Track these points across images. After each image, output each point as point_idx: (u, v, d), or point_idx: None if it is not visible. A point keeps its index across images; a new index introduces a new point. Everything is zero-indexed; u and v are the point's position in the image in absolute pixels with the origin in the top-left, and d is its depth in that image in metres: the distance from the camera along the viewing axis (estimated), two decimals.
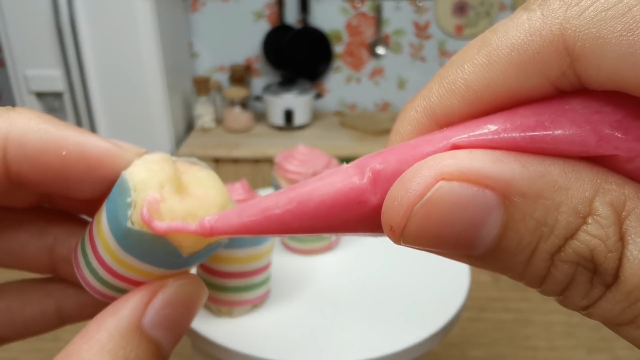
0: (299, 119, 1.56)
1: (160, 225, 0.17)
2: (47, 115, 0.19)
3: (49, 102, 1.45)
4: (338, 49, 1.70)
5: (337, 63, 1.72)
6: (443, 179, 0.12)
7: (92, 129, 1.44)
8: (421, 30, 1.66)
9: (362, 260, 0.61)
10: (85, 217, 0.24)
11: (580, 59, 0.11)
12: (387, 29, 1.66)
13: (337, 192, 0.15)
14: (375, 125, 1.58)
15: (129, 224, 0.18)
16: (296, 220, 0.15)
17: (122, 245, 0.18)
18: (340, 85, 1.75)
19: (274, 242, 0.52)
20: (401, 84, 1.74)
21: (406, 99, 1.72)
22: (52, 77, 1.39)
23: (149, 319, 0.18)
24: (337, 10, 1.64)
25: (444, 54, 1.68)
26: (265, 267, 0.50)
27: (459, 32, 1.64)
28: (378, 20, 1.63)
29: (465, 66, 0.13)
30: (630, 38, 0.11)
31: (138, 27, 1.35)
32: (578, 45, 0.11)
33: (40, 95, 1.44)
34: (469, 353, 1.21)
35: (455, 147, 0.13)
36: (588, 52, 0.11)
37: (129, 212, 0.18)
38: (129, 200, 0.18)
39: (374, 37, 1.67)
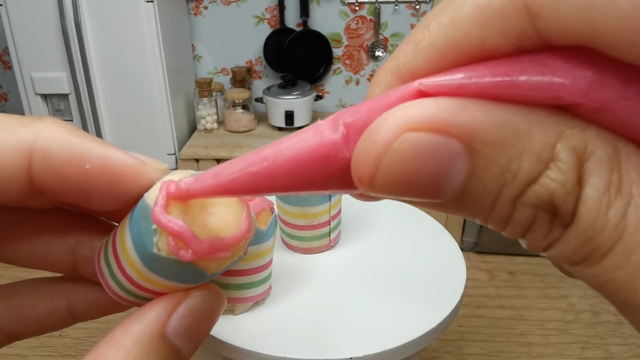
0: (299, 120, 1.57)
1: (187, 254, 0.18)
2: (73, 127, 0.19)
3: (55, 103, 1.47)
4: (337, 51, 1.71)
5: (337, 65, 1.74)
6: (409, 129, 0.12)
7: (97, 130, 1.46)
8: None
9: (361, 259, 0.62)
10: (105, 219, 0.24)
11: (540, 16, 0.11)
12: (386, 32, 1.67)
13: (312, 147, 0.14)
14: None
15: (155, 251, 0.18)
16: (273, 178, 0.15)
17: (149, 267, 0.18)
18: (339, 87, 1.76)
19: (275, 241, 0.52)
20: None
21: None
22: (58, 79, 1.41)
23: (172, 327, 0.19)
24: (336, 13, 1.66)
25: None
26: (267, 265, 0.51)
27: None
28: (377, 23, 1.65)
29: (431, 26, 0.13)
30: None
31: (142, 30, 1.37)
32: (537, 2, 0.11)
33: (46, 97, 1.46)
34: (465, 349, 1.22)
35: (422, 93, 0.13)
36: (547, 8, 0.11)
37: (155, 239, 0.18)
38: (153, 227, 0.18)
39: (373, 40, 1.68)
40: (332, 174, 0.14)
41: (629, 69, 0.11)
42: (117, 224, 0.21)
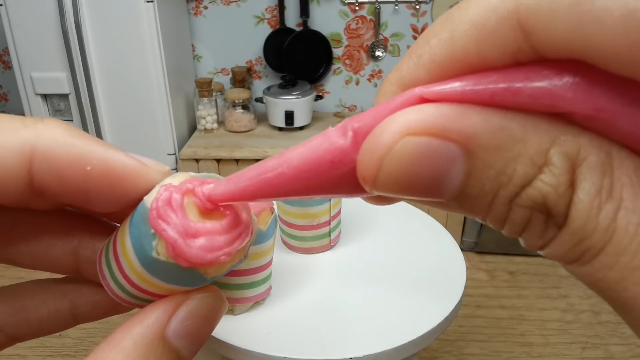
0: (299, 120, 1.57)
1: (185, 260, 0.18)
2: (75, 128, 0.19)
3: (55, 103, 1.47)
4: (337, 51, 1.71)
5: (337, 65, 1.74)
6: (409, 133, 0.13)
7: (97, 130, 1.46)
8: (419, 33, 1.67)
9: (360, 259, 0.62)
10: (107, 220, 0.24)
11: (534, 34, 0.12)
12: (386, 32, 1.67)
13: (321, 153, 0.15)
14: None
15: (154, 254, 0.18)
16: (287, 184, 0.16)
17: (148, 270, 0.19)
18: (339, 87, 1.76)
19: (275, 241, 0.53)
20: None
21: None
22: (57, 79, 1.41)
23: (173, 330, 0.19)
24: (336, 13, 1.66)
25: None
26: (267, 265, 0.51)
27: None
28: (377, 23, 1.65)
29: (431, 41, 0.14)
30: (577, 9, 0.11)
31: (142, 30, 1.37)
32: (530, 20, 0.12)
33: (46, 97, 1.46)
34: (465, 349, 1.22)
35: (423, 99, 0.14)
36: (540, 26, 0.12)
37: (154, 243, 0.18)
38: (152, 231, 0.18)
39: (373, 39, 1.68)
40: (342, 178, 0.15)
41: (620, 80, 0.12)
42: (118, 225, 0.21)
